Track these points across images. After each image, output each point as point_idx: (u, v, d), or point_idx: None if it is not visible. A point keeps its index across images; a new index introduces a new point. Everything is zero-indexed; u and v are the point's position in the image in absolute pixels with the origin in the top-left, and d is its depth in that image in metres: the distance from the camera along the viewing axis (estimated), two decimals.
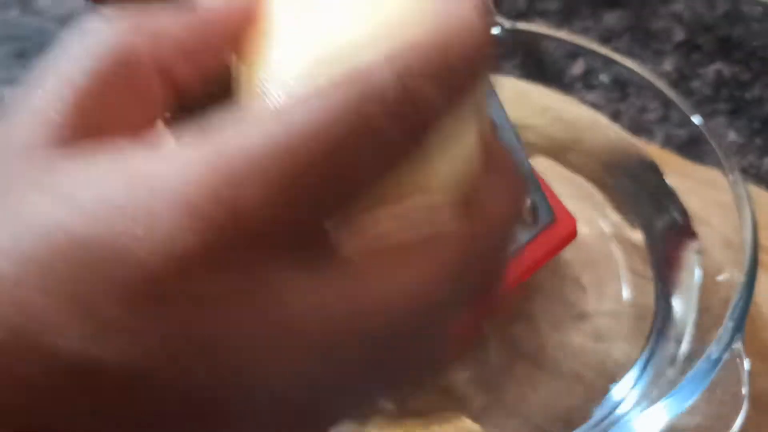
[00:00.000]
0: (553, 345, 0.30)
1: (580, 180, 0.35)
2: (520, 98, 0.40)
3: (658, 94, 0.37)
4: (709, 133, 0.30)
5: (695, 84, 0.46)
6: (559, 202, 0.26)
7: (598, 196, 0.34)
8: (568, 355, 0.29)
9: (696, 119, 0.31)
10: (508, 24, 0.42)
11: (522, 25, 0.44)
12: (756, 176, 0.41)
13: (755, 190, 0.38)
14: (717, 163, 0.30)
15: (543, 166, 0.35)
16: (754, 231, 0.26)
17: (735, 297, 0.24)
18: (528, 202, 0.25)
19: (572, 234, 0.26)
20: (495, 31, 0.41)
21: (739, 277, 0.25)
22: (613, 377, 0.28)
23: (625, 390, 0.28)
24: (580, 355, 0.30)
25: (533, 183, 0.25)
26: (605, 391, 0.28)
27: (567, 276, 0.32)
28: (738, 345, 0.24)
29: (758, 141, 0.42)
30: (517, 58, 0.46)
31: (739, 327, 0.24)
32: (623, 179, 0.35)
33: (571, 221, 0.26)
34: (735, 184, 0.27)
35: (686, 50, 0.48)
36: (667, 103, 0.39)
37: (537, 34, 0.41)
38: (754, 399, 0.30)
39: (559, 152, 0.35)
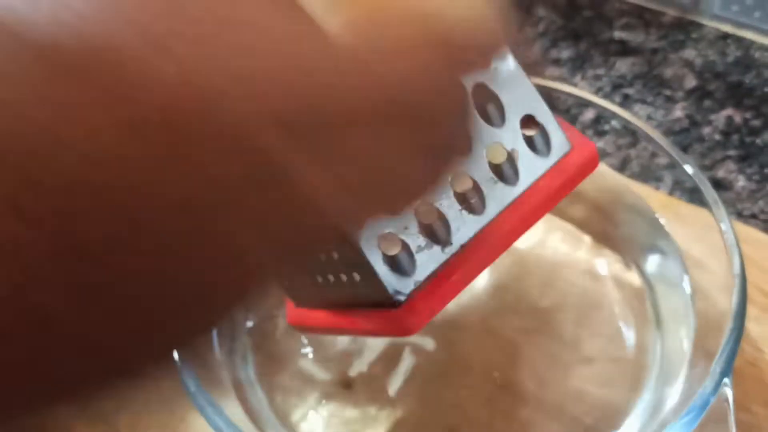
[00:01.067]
0: (554, 389, 0.30)
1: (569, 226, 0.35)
2: None
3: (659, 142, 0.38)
4: (700, 180, 0.31)
5: (706, 130, 0.47)
6: (575, 130, 0.24)
7: (588, 238, 0.35)
8: (569, 400, 0.30)
9: (688, 168, 0.31)
10: None
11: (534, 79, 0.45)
12: (767, 222, 0.41)
13: (765, 237, 0.38)
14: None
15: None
16: (742, 278, 0.26)
17: (723, 341, 0.25)
18: (538, 130, 0.23)
19: (593, 160, 0.24)
20: None
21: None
22: (613, 424, 0.29)
23: None
24: (582, 400, 0.30)
25: (544, 112, 0.23)
26: None
27: (569, 320, 0.32)
28: (726, 389, 0.24)
29: None
30: None
31: (725, 372, 0.24)
32: (617, 222, 0.36)
33: (590, 146, 0.24)
34: (726, 233, 0.28)
35: (698, 97, 0.49)
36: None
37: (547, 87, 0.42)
38: None
39: None
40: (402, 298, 0.21)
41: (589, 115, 0.47)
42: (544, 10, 0.57)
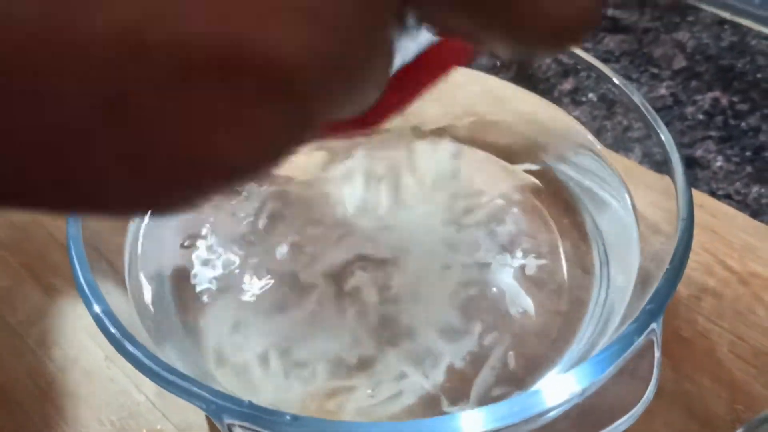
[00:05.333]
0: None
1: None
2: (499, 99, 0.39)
3: (637, 110, 0.35)
4: (667, 140, 0.28)
5: (689, 109, 0.44)
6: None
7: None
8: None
9: (660, 133, 0.28)
10: None
11: None
12: (742, 203, 0.39)
13: (739, 215, 0.36)
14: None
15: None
16: (689, 216, 0.24)
17: (659, 281, 0.22)
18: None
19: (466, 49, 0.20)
20: None
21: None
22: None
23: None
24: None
25: None
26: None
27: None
28: (654, 330, 0.22)
29: (749, 169, 0.40)
30: (511, 71, 0.45)
31: (656, 311, 0.22)
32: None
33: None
34: (680, 187, 0.25)
35: (685, 77, 0.46)
36: (649, 124, 0.37)
37: None
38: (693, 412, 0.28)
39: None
40: None
41: (567, 85, 0.45)
42: None
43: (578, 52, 0.38)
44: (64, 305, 0.33)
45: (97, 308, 0.23)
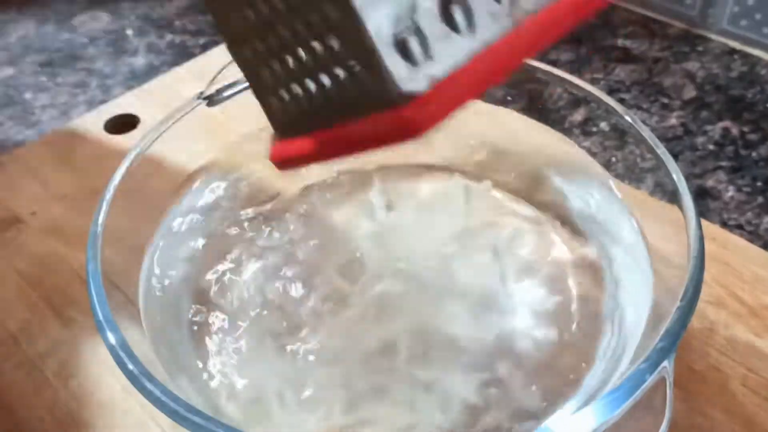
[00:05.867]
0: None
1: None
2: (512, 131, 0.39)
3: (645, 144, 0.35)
4: (674, 170, 0.29)
5: (700, 139, 0.45)
6: None
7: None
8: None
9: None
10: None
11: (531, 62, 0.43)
12: (754, 233, 0.39)
13: (750, 247, 0.36)
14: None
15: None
16: (700, 254, 0.24)
17: (671, 319, 0.23)
18: None
19: None
20: None
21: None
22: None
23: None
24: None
25: None
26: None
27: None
28: (666, 367, 0.22)
29: (760, 199, 0.41)
30: (522, 100, 0.45)
31: (668, 349, 0.22)
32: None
33: None
34: (690, 220, 0.26)
35: (695, 107, 0.47)
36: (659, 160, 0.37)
37: (543, 75, 0.40)
38: None
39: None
40: (412, 90, 0.17)
41: (577, 116, 0.45)
42: None
43: (586, 84, 0.39)
44: (82, 337, 0.33)
45: (113, 340, 0.23)
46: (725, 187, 0.42)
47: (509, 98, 0.43)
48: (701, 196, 0.41)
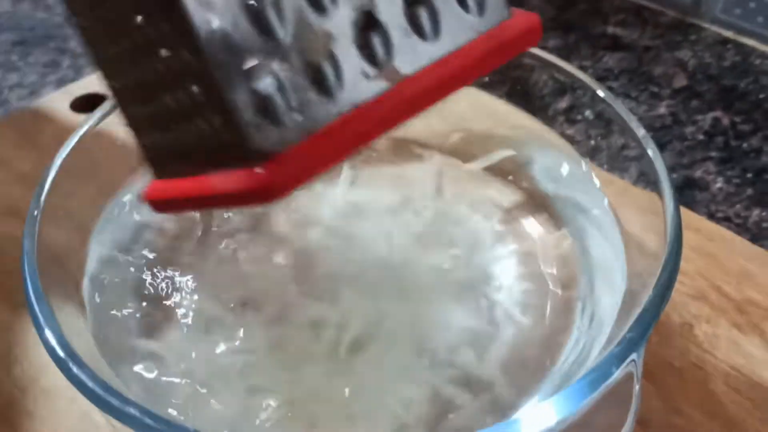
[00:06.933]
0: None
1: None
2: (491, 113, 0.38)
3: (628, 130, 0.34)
4: (654, 155, 0.27)
5: (689, 129, 0.43)
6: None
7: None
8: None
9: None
10: None
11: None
12: (741, 226, 0.37)
13: (737, 239, 0.34)
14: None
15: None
16: (677, 243, 0.22)
17: (641, 309, 0.21)
18: None
19: (534, 31, 0.20)
20: None
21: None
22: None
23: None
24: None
25: None
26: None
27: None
28: (634, 360, 0.20)
29: (749, 191, 0.39)
30: (505, 86, 0.44)
31: (636, 340, 0.20)
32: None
33: (533, 17, 0.20)
34: (668, 206, 0.24)
35: (686, 96, 0.45)
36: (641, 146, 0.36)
37: (530, 58, 0.38)
38: None
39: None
40: (270, 149, 0.16)
41: (563, 103, 0.44)
42: (539, 0, 0.54)
43: (573, 69, 0.37)
44: (30, 323, 0.32)
45: (44, 325, 0.22)
46: (714, 179, 0.40)
47: (492, 81, 0.42)
48: (689, 186, 0.40)
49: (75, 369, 0.21)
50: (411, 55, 0.18)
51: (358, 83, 0.17)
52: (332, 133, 0.17)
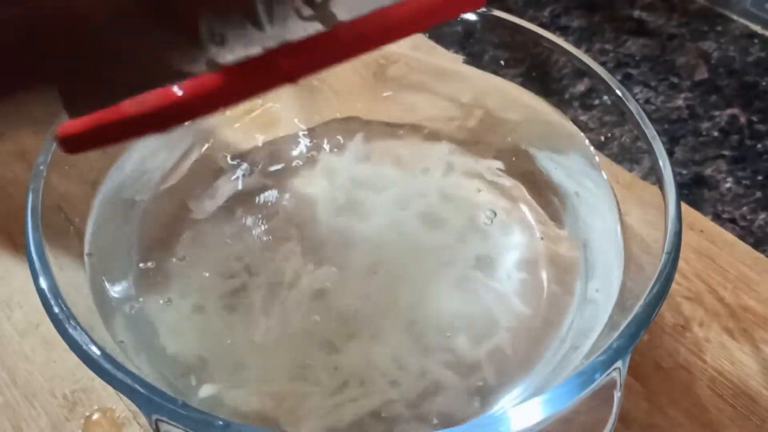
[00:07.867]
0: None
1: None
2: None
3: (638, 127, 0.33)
4: (659, 152, 0.27)
5: (705, 125, 0.42)
6: None
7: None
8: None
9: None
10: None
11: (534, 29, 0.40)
12: (746, 229, 0.37)
13: (739, 244, 0.34)
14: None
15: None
16: (675, 251, 0.23)
17: (632, 316, 0.21)
18: None
19: None
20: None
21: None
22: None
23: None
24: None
25: None
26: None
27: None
28: (618, 368, 0.20)
29: (758, 194, 0.39)
30: (523, 66, 0.43)
31: (622, 350, 0.20)
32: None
33: None
34: (670, 212, 0.24)
35: (705, 90, 0.44)
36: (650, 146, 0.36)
37: (539, 38, 0.38)
38: None
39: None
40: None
41: (580, 87, 0.43)
42: None
43: (589, 60, 0.37)
44: None
45: (42, 280, 0.22)
46: (724, 178, 0.40)
47: (509, 63, 0.41)
48: (697, 184, 0.39)
49: (69, 329, 0.21)
50: (350, 2, 0.18)
51: (290, 20, 0.17)
52: (254, 64, 0.17)
